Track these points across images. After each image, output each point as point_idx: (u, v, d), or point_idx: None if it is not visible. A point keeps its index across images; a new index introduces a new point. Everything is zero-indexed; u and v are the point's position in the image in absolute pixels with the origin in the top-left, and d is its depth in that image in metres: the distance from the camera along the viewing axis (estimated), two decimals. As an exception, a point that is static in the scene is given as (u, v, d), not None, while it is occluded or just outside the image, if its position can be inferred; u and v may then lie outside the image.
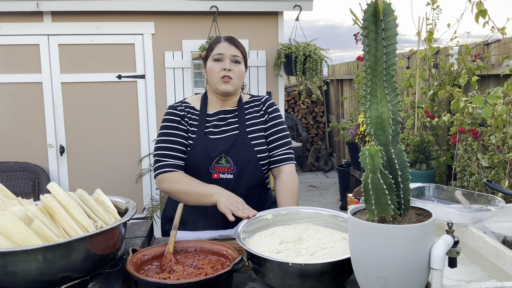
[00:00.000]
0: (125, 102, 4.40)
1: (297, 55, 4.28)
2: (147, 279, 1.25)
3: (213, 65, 1.98)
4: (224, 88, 1.97)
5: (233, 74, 1.97)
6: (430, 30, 3.65)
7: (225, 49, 1.98)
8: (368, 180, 1.11)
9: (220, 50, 1.98)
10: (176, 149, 1.96)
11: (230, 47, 1.99)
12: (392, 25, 1.10)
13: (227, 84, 1.96)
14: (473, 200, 1.70)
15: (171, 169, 1.94)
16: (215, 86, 1.99)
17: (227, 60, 1.97)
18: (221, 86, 1.97)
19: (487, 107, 2.42)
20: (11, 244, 1.22)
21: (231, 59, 1.98)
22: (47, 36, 4.21)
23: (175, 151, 1.95)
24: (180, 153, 1.96)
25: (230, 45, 1.99)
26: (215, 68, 1.97)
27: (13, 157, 4.28)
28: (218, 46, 1.99)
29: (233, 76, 1.97)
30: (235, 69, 1.98)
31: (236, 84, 2.00)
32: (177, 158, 1.95)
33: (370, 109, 1.15)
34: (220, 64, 1.97)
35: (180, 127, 1.98)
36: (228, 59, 1.97)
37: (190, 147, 1.95)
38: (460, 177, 3.07)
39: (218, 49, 1.99)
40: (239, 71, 1.99)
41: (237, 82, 1.99)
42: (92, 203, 1.46)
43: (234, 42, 2.01)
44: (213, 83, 1.99)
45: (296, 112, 8.73)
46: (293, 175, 2.03)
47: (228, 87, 1.97)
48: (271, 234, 1.54)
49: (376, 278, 1.15)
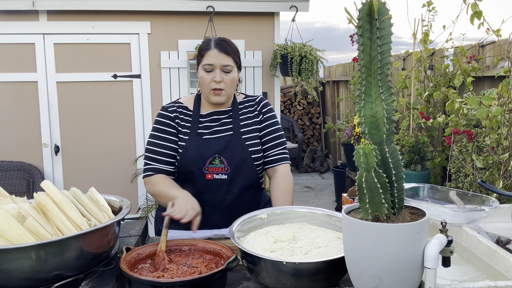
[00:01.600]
0: (120, 102, 4.39)
1: (293, 56, 4.29)
2: (141, 278, 1.25)
3: (203, 75, 1.94)
4: (215, 100, 1.96)
5: (224, 85, 1.94)
6: (426, 32, 3.66)
7: (215, 59, 1.92)
8: (362, 179, 1.12)
9: (209, 60, 1.92)
10: (163, 153, 1.96)
11: (220, 55, 1.92)
12: (387, 25, 1.10)
13: (218, 96, 1.95)
14: (467, 201, 1.70)
15: (154, 172, 1.96)
16: (206, 96, 1.98)
17: (217, 71, 1.92)
18: (213, 98, 1.96)
19: (482, 108, 2.43)
20: (4, 241, 1.21)
21: (221, 68, 1.93)
22: (43, 35, 4.19)
23: (161, 155, 1.96)
24: (166, 157, 1.96)
25: (221, 53, 1.92)
26: (205, 79, 1.94)
27: (8, 156, 4.26)
28: (208, 54, 1.93)
29: (224, 87, 1.94)
30: (226, 79, 1.94)
31: (228, 93, 1.98)
32: (162, 162, 1.96)
33: (365, 108, 1.15)
34: (210, 75, 1.93)
35: (169, 130, 1.98)
36: (218, 69, 1.92)
37: (183, 148, 1.95)
38: (455, 178, 3.08)
39: (207, 58, 1.93)
40: (230, 80, 1.95)
41: (228, 91, 1.97)
42: (86, 202, 1.45)
43: (224, 49, 1.94)
44: (205, 92, 1.98)
45: (292, 113, 8.74)
46: (288, 175, 2.03)
47: (219, 99, 1.96)
48: (265, 233, 1.54)
49: (369, 277, 1.15)
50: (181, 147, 1.95)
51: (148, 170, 1.97)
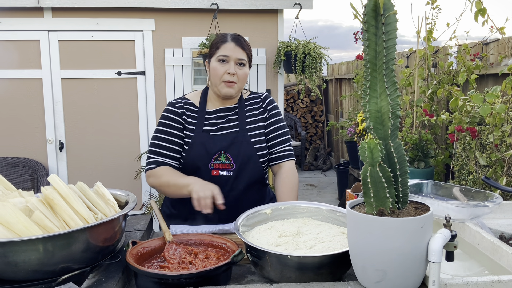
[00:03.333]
0: (124, 99, 4.40)
1: (296, 53, 4.29)
2: (147, 270, 1.26)
3: (217, 66, 1.94)
4: (226, 92, 1.96)
5: (236, 78, 1.95)
6: (430, 29, 3.66)
7: (231, 51, 1.93)
8: (367, 173, 1.13)
9: (225, 52, 1.94)
10: (168, 147, 1.96)
11: (236, 49, 1.94)
12: (392, 20, 1.11)
13: (230, 88, 1.95)
14: (471, 197, 1.71)
15: (158, 165, 1.95)
16: (217, 88, 1.98)
17: (232, 63, 1.94)
18: (224, 90, 1.96)
19: (486, 105, 2.43)
20: (12, 234, 1.23)
21: (236, 62, 1.94)
22: (47, 32, 4.21)
23: (166, 149, 1.96)
24: (171, 152, 1.96)
25: (237, 46, 1.95)
26: (219, 69, 1.94)
27: (12, 153, 4.28)
28: (224, 46, 1.95)
29: (237, 80, 1.95)
30: (239, 73, 1.95)
31: (239, 87, 1.99)
32: (166, 157, 1.96)
33: (370, 103, 1.16)
34: (224, 66, 1.94)
35: (175, 126, 1.98)
36: (233, 61, 1.94)
37: (189, 145, 1.95)
38: (458, 175, 3.08)
39: (223, 50, 1.94)
40: (243, 74, 1.97)
41: (240, 85, 1.98)
42: (93, 196, 1.46)
43: (240, 43, 1.96)
44: (216, 84, 1.97)
45: (295, 111, 8.74)
46: (293, 171, 2.04)
47: (230, 91, 1.96)
48: (270, 228, 1.55)
49: (374, 271, 1.16)
50: (187, 144, 1.96)
51: (151, 163, 1.96)
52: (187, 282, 1.23)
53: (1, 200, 1.34)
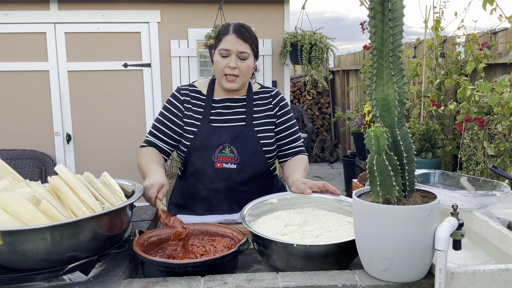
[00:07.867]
0: (131, 90, 4.41)
1: (303, 44, 4.27)
2: (154, 259, 1.27)
3: (218, 60, 1.92)
4: (227, 86, 1.94)
5: (238, 71, 1.92)
6: (437, 19, 3.62)
7: (232, 44, 1.90)
8: (373, 162, 1.12)
9: (226, 45, 1.90)
10: (163, 131, 1.99)
11: (237, 41, 1.90)
12: (399, 6, 1.10)
13: (231, 83, 1.93)
14: (479, 186, 1.70)
15: (149, 145, 1.99)
16: (219, 81, 1.97)
17: (233, 57, 1.90)
18: (225, 84, 1.94)
19: (494, 94, 2.41)
20: (19, 224, 1.23)
21: (237, 55, 1.91)
22: (54, 24, 4.21)
23: (161, 132, 1.99)
24: (164, 136, 1.99)
25: (238, 39, 1.90)
26: (220, 63, 1.92)
27: (20, 145, 4.30)
28: (225, 39, 1.91)
29: (239, 73, 1.92)
30: (241, 66, 1.91)
31: (242, 81, 1.96)
32: (159, 139, 1.99)
33: (376, 90, 1.15)
34: (225, 61, 1.91)
35: (175, 112, 2.00)
36: (234, 55, 1.90)
37: (194, 134, 1.94)
38: (466, 166, 3.06)
39: (224, 43, 1.91)
40: (245, 67, 1.92)
41: (243, 79, 1.95)
42: (99, 186, 1.47)
43: (242, 35, 1.91)
44: (218, 77, 1.97)
45: (301, 103, 8.71)
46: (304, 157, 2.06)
47: (232, 85, 1.94)
48: (276, 218, 1.55)
49: (380, 259, 1.16)
50: (192, 133, 1.95)
51: (144, 142, 2.01)
52: (194, 270, 1.24)
53: (8, 190, 1.35)
